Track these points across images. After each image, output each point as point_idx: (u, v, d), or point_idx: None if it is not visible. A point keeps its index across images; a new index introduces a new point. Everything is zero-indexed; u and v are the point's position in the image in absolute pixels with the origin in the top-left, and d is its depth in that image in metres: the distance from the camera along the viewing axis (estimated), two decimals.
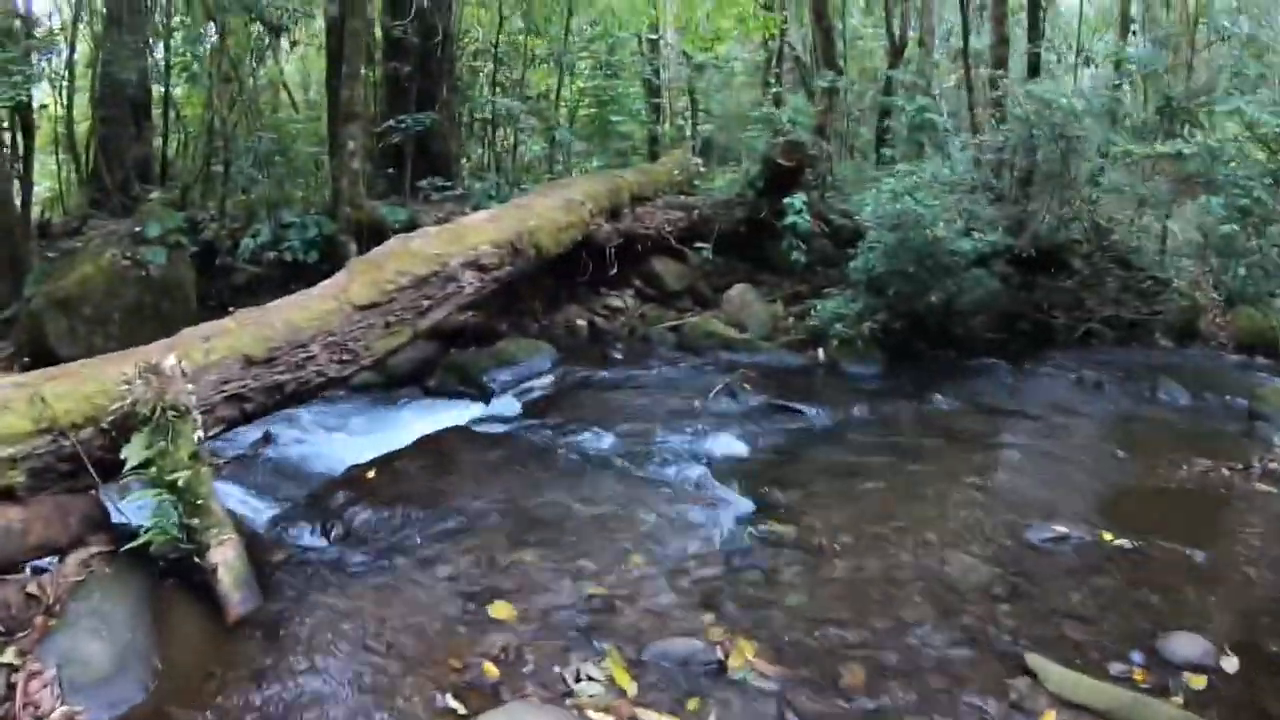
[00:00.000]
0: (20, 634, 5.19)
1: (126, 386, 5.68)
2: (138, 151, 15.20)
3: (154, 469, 5.60)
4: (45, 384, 5.72)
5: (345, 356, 7.53)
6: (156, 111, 16.33)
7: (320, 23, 14.55)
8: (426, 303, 8.41)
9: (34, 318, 10.50)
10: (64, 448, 5.60)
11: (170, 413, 5.60)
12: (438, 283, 8.55)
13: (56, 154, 16.27)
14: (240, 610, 5.41)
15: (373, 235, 11.08)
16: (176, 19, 15.31)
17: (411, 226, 11.23)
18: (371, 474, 7.39)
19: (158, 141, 16.48)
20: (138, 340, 10.33)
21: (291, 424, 8.76)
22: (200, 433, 5.78)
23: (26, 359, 10.14)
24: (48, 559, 5.60)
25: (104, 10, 15.99)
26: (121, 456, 5.58)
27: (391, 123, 12.01)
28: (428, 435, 8.28)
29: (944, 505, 6.82)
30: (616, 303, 12.51)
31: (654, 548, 6.20)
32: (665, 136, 18.00)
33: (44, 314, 10.41)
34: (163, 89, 16.32)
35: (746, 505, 6.95)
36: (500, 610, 5.42)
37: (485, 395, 9.93)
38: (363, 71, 11.51)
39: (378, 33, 13.85)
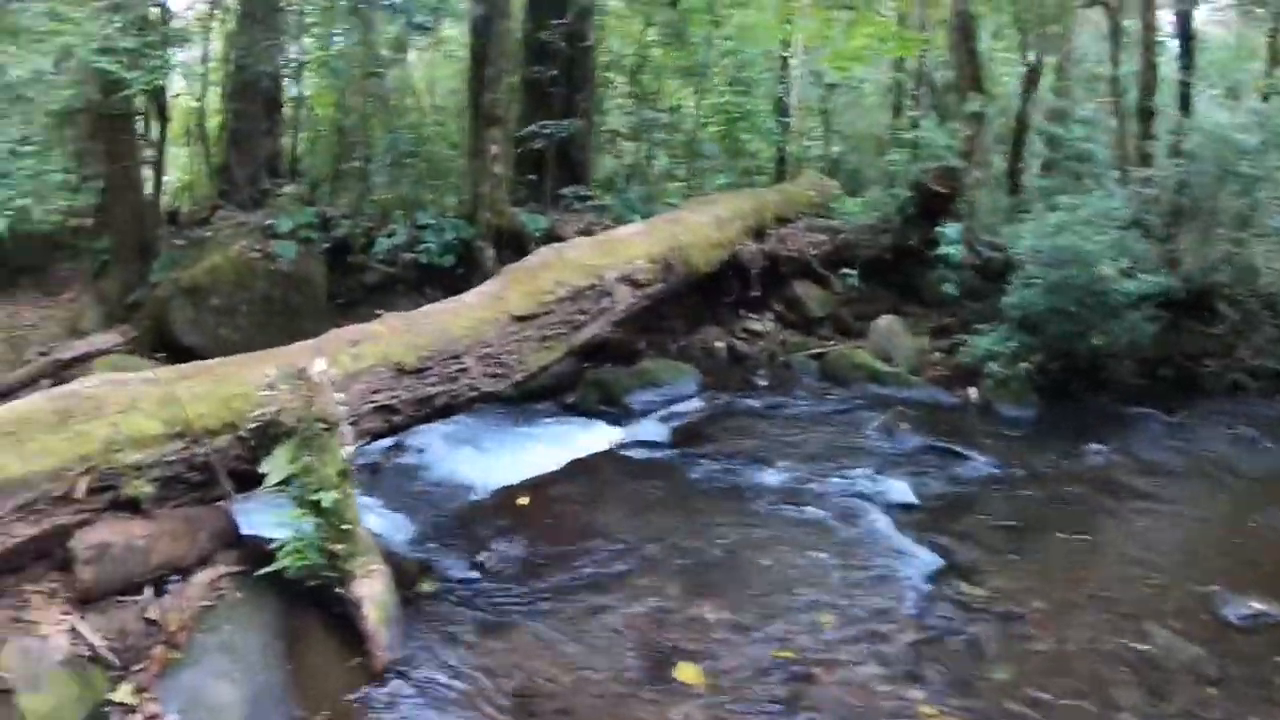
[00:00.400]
0: (136, 667, 4.37)
1: (270, 392, 4.87)
2: (268, 147, 14.56)
3: (297, 486, 4.78)
4: (179, 383, 4.94)
5: (499, 370, 6.77)
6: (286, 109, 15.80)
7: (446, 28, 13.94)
8: (582, 317, 7.68)
9: (160, 304, 10.06)
10: (196, 456, 4.80)
11: (318, 425, 4.78)
12: (593, 296, 7.81)
13: (188, 145, 15.69)
14: (387, 655, 4.64)
15: (511, 243, 10.33)
16: (312, 15, 14.59)
17: (551, 236, 10.48)
18: (525, 500, 6.68)
19: (286, 139, 15.87)
20: (265, 333, 9.95)
21: (420, 432, 7.91)
22: (350, 448, 4.95)
23: (150, 344, 9.82)
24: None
25: (239, 6, 15.45)
26: (261, 470, 4.75)
27: (535, 128, 11.14)
28: (579, 459, 7.63)
29: (1128, 570, 6.22)
30: (757, 326, 11.57)
31: (841, 604, 5.48)
32: (792, 156, 16.91)
33: (171, 301, 9.96)
34: (294, 86, 15.78)
35: (927, 559, 6.19)
36: (687, 674, 4.68)
37: (628, 416, 9.13)
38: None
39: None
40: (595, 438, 8.47)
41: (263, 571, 4.76)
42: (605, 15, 14.65)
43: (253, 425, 4.89)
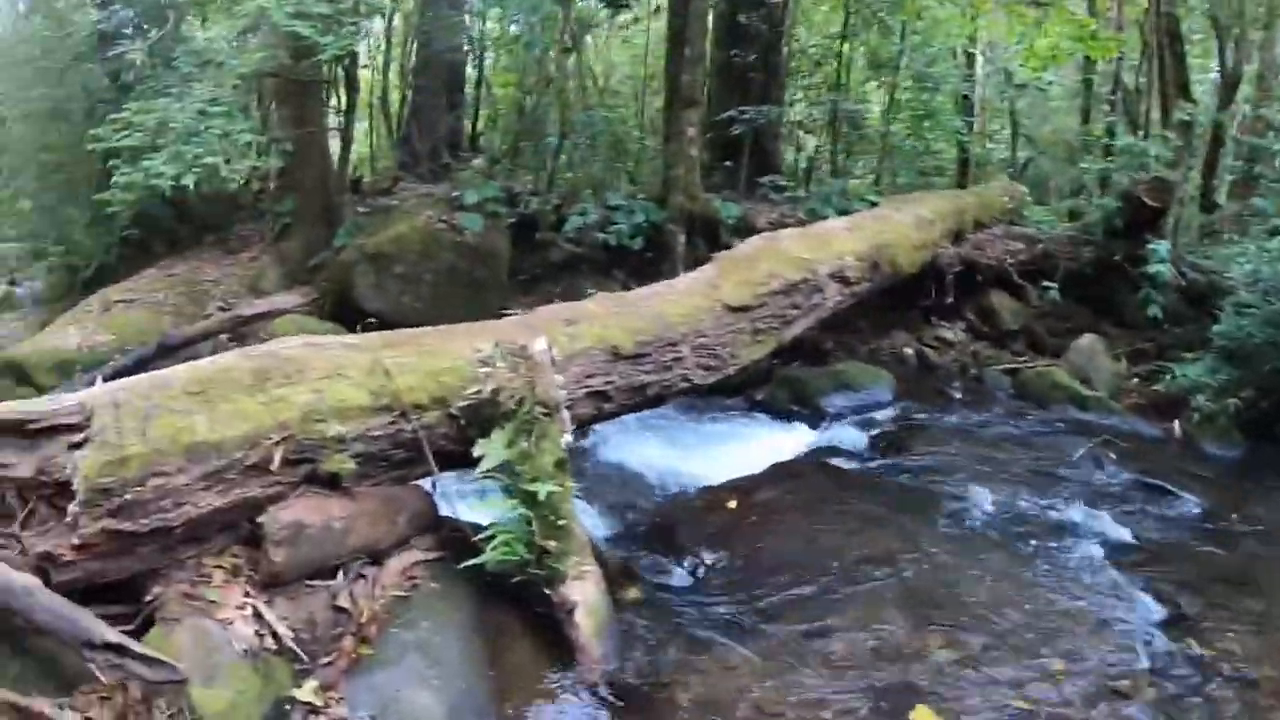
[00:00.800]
0: (324, 660, 3.72)
1: (486, 369, 4.17)
2: (448, 122, 14.20)
3: (510, 474, 4.10)
4: (384, 350, 4.27)
5: (713, 362, 6.06)
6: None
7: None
8: (794, 312, 6.95)
9: (344, 268, 9.71)
10: (403, 432, 4.12)
11: (538, 408, 4.09)
12: (805, 291, 7.06)
13: (371, 118, 15.42)
14: (601, 667, 3.97)
15: (703, 229, 9.57)
16: None
17: (744, 224, 9.70)
18: (732, 503, 5.94)
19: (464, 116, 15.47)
20: (447, 304, 9.40)
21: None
22: (568, 436, 4.26)
23: (330, 308, 9.55)
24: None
25: None
26: (475, 454, 4.08)
27: (734, 113, 10.32)
28: (781, 462, 6.84)
29: None
30: (948, 335, 10.60)
31: (1070, 649, 4.68)
32: (974, 158, 15.66)
33: (355, 266, 9.58)
34: (475, 63, 15.39)
35: (1152, 608, 5.32)
36: (925, 718, 3.94)
37: (821, 419, 8.33)
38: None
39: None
40: (790, 439, 7.73)
41: (468, 564, 4.09)
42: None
43: (465, 403, 4.22)
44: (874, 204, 10.41)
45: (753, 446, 7.33)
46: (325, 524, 3.83)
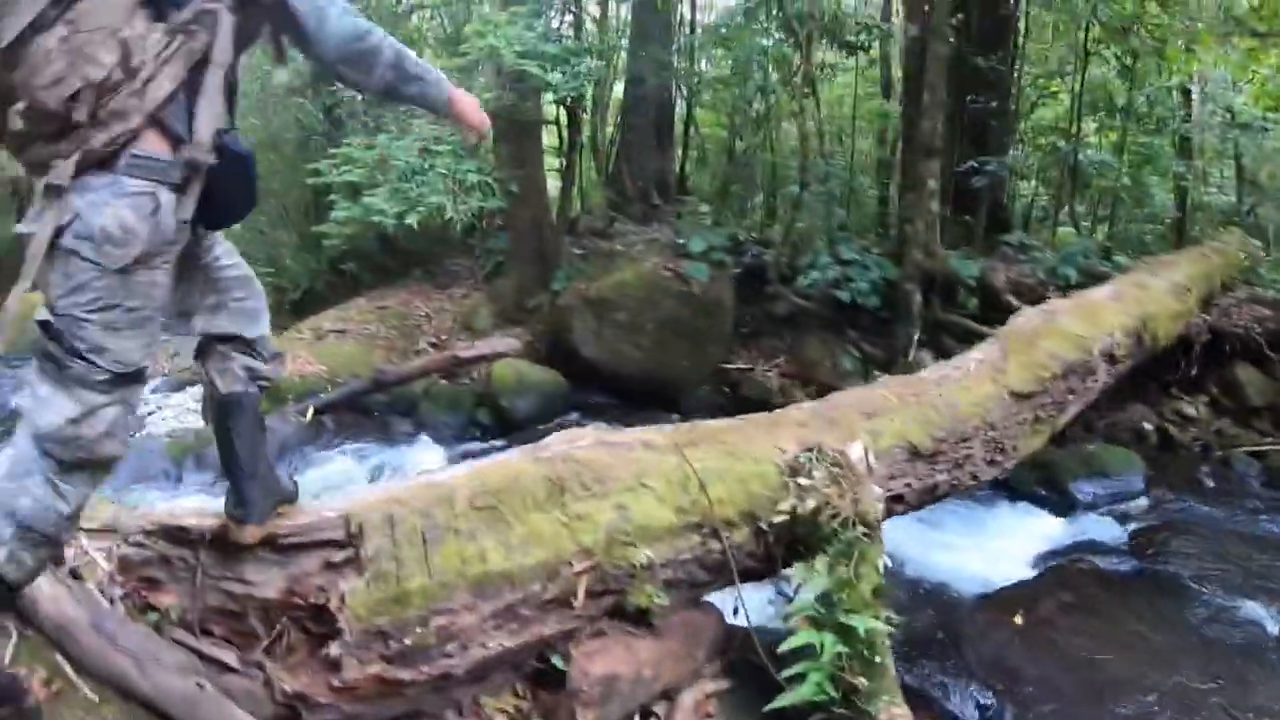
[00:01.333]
0: None
1: (802, 481, 3.38)
2: (658, 163, 13.58)
3: (826, 604, 3.31)
4: (687, 451, 3.48)
5: (996, 456, 5.13)
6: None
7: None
8: (1070, 397, 6.02)
9: (561, 312, 9.22)
10: (712, 554, 3.34)
11: (860, 528, 3.28)
12: (1081, 372, 6.13)
13: (580, 157, 15.01)
14: None
15: (941, 288, 8.61)
16: (707, 36, 13.40)
17: (984, 285, 8.72)
18: (1018, 619, 5.00)
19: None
20: (666, 354, 8.70)
21: None
22: (885, 559, 3.46)
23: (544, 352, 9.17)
24: None
25: (631, 25, 14.57)
26: (794, 583, 3.30)
27: (974, 164, 9.32)
28: (1054, 565, 5.91)
29: None
30: (1189, 410, 9.33)
31: None
32: (1192, 207, 13.90)
33: (573, 311, 9.07)
34: (683, 104, 14.78)
35: None
36: None
37: (1072, 508, 7.25)
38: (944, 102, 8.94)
39: None
40: (1045, 530, 6.75)
41: (772, 707, 3.29)
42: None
43: (780, 520, 3.43)
44: (1115, 263, 9.30)
45: (1013, 540, 6.41)
46: (636, 673, 3.06)
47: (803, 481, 3.42)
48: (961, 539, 6.22)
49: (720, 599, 3.69)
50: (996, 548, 6.21)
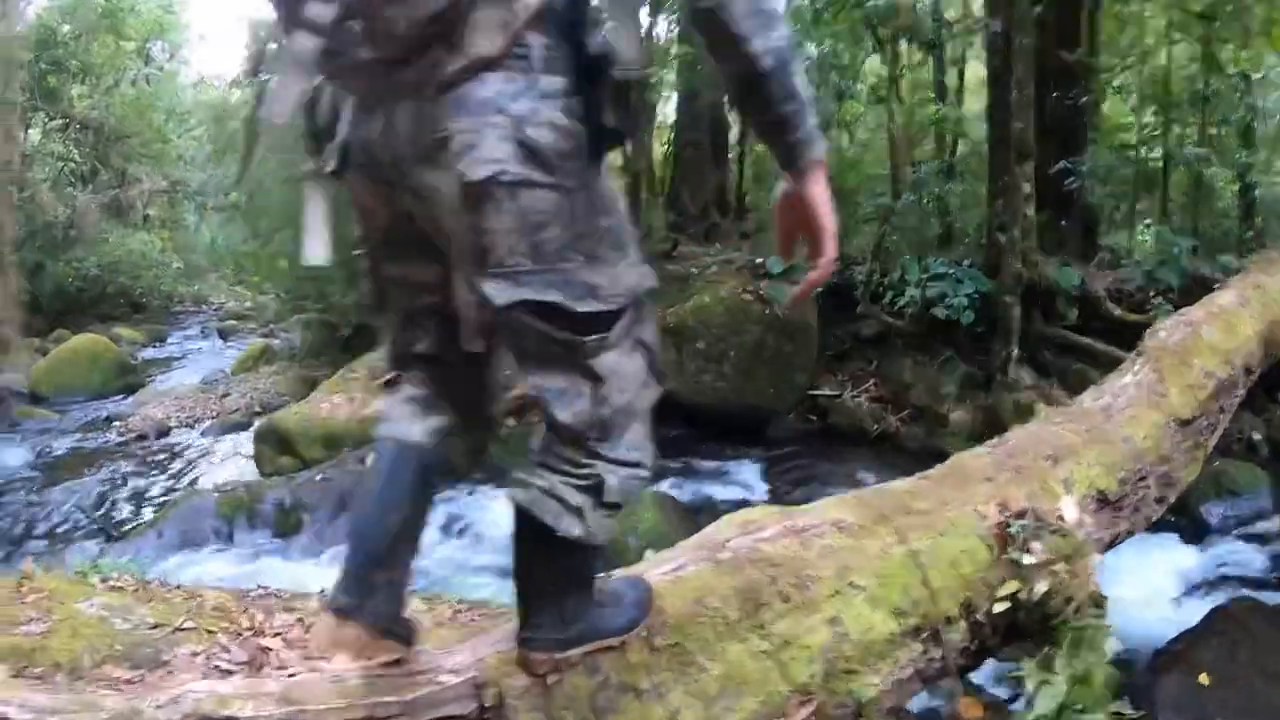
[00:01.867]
0: None
1: (1022, 560, 2.71)
2: (716, 179, 12.93)
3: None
4: (880, 529, 2.78)
5: (1165, 493, 4.36)
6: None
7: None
8: (1220, 417, 5.16)
9: None
10: (933, 663, 2.65)
11: (1091, 611, 2.63)
12: (1227, 389, 5.28)
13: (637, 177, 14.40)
14: None
15: (1042, 300, 7.89)
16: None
17: (1085, 296, 8.00)
18: (1205, 679, 4.27)
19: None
20: (751, 383, 8.02)
21: None
22: (1113, 641, 2.80)
23: None
24: None
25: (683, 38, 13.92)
26: (1029, 688, 2.66)
27: (1067, 163, 8.55)
28: (1215, 604, 5.12)
29: None
30: None
31: None
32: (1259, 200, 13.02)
33: None
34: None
35: None
36: None
37: (1203, 532, 6.54)
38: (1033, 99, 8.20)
39: None
40: (1182, 564, 6.06)
41: None
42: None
43: (1001, 608, 2.74)
44: (1223, 264, 8.55)
45: (1153, 575, 5.72)
46: None
47: (1025, 560, 2.73)
48: (1113, 574, 5.55)
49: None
50: (1143, 589, 5.48)
